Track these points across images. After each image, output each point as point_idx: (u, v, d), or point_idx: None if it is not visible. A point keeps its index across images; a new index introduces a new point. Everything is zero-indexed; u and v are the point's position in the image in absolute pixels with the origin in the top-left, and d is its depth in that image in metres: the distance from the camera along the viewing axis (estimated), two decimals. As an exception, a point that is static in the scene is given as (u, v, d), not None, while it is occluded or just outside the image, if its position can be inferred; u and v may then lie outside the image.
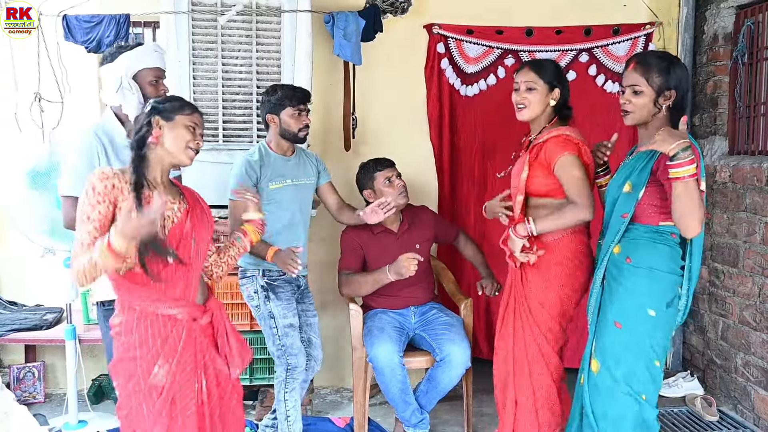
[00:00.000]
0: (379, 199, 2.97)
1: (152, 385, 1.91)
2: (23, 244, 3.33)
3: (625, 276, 2.23)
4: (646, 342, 2.20)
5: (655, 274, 2.19)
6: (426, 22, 3.73)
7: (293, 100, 2.83)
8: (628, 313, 2.21)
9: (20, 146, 3.50)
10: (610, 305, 2.26)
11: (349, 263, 3.19)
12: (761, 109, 3.36)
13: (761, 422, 3.16)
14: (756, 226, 3.19)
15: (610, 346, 2.24)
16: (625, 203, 2.23)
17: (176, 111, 2.00)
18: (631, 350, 2.21)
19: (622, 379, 2.21)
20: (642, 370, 2.21)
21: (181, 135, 1.98)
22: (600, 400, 2.25)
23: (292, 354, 2.80)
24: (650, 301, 2.19)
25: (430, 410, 3.09)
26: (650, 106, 2.21)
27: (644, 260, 2.20)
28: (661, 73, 2.19)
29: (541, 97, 2.49)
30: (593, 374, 2.27)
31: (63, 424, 3.23)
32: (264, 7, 3.26)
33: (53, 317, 3.51)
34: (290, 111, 2.83)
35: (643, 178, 2.18)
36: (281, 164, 2.89)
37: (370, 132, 3.71)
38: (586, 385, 2.30)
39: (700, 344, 3.72)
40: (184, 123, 1.99)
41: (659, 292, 2.19)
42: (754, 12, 3.38)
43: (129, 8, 3.38)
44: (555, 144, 2.43)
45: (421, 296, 3.22)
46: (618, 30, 3.76)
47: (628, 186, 2.22)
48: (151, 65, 2.47)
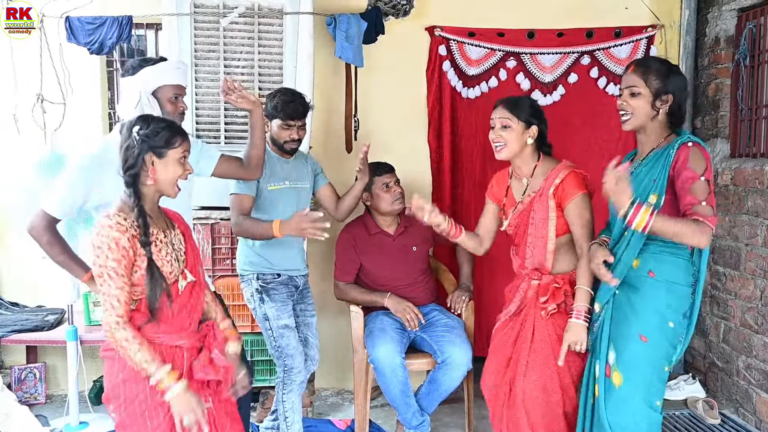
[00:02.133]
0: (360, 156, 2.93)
1: (159, 403, 1.90)
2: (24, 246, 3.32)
3: (648, 290, 2.21)
4: (664, 353, 2.22)
5: (675, 287, 2.20)
6: (428, 25, 3.73)
7: (282, 113, 2.81)
8: (654, 327, 2.20)
9: (22, 147, 3.51)
10: (633, 319, 2.23)
11: (344, 274, 3.23)
12: (763, 112, 3.35)
13: (763, 425, 3.15)
14: (758, 229, 3.18)
15: (634, 359, 2.22)
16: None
17: (167, 145, 1.93)
18: (650, 362, 2.21)
19: (647, 391, 2.21)
20: (658, 379, 2.23)
21: (172, 171, 1.95)
22: (622, 412, 2.22)
23: (288, 355, 2.81)
24: (671, 314, 2.20)
25: (431, 412, 3.09)
26: (648, 109, 2.20)
27: (666, 274, 2.19)
28: (659, 76, 2.19)
29: (517, 135, 2.43)
30: (614, 387, 2.24)
31: (64, 426, 3.23)
32: (266, 9, 3.27)
33: (55, 318, 3.51)
34: (279, 122, 2.83)
35: (665, 187, 2.16)
36: (280, 165, 2.89)
37: (371, 134, 3.71)
38: (602, 396, 2.27)
39: (701, 347, 3.71)
40: (175, 158, 1.95)
41: (678, 304, 2.21)
42: (755, 15, 3.38)
43: (131, 10, 3.39)
44: (571, 183, 2.40)
45: (421, 298, 3.22)
46: (620, 32, 3.76)
47: (654, 197, 2.18)
48: (172, 82, 2.38)
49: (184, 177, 1.99)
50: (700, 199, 2.05)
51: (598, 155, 3.62)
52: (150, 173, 1.92)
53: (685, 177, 2.09)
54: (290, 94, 2.88)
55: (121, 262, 1.85)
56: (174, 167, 1.95)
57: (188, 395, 1.89)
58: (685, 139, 2.15)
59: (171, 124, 1.99)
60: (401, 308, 3.07)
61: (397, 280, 3.18)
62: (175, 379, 1.89)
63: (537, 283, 2.47)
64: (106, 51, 3.38)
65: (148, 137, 1.91)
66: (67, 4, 3.39)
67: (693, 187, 2.06)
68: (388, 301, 3.10)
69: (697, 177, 2.07)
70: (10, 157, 3.52)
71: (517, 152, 2.46)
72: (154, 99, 2.37)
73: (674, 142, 2.17)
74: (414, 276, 3.22)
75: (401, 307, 3.07)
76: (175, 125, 2.00)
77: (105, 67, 3.80)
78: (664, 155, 2.17)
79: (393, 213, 3.18)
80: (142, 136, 1.91)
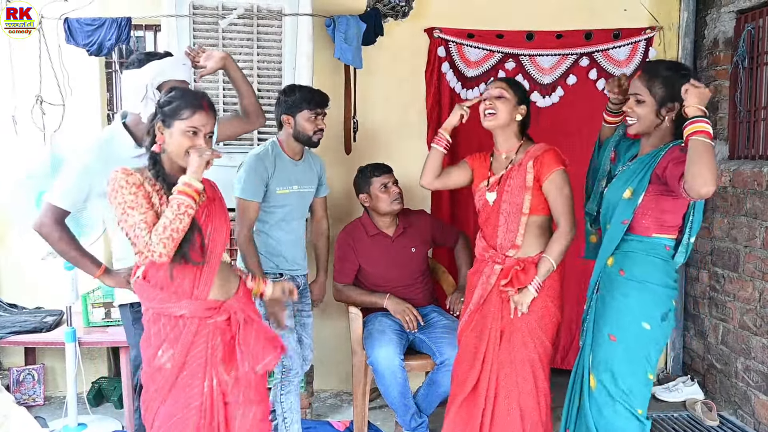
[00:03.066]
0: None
1: (156, 368, 1.96)
2: (24, 247, 3.33)
3: (618, 289, 2.22)
4: (642, 355, 2.20)
5: (648, 287, 2.19)
6: (427, 26, 3.73)
7: (311, 103, 2.78)
8: (622, 327, 2.20)
9: (21, 148, 3.51)
10: (604, 318, 2.24)
11: (342, 276, 3.23)
12: (761, 114, 3.36)
13: (761, 427, 3.15)
14: (756, 231, 3.19)
15: (605, 360, 2.22)
16: (625, 210, 2.22)
17: (174, 116, 1.95)
18: (627, 365, 2.20)
19: (621, 394, 2.20)
20: (638, 384, 2.21)
21: (177, 142, 1.96)
22: (601, 416, 2.23)
23: (287, 356, 2.80)
24: (644, 315, 2.19)
25: (429, 414, 3.09)
26: (652, 117, 2.19)
27: (637, 273, 2.20)
28: (665, 84, 2.17)
29: (509, 107, 2.50)
30: (591, 390, 2.25)
31: (63, 427, 3.23)
32: (265, 11, 3.27)
33: (53, 320, 3.50)
34: (307, 114, 2.78)
35: (644, 184, 2.17)
36: (290, 168, 2.85)
37: (370, 135, 3.71)
38: (586, 399, 2.28)
39: (700, 348, 3.71)
40: (181, 129, 1.95)
41: (653, 305, 2.19)
42: (754, 17, 3.38)
43: (130, 11, 3.38)
44: (551, 158, 2.46)
45: (420, 299, 3.22)
46: (618, 34, 3.76)
47: (628, 192, 2.21)
48: (178, 77, 2.41)
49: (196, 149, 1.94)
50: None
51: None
52: (158, 141, 1.97)
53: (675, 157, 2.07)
54: (305, 86, 2.90)
55: (138, 194, 1.90)
56: (179, 138, 1.95)
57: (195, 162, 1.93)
58: (680, 142, 2.12)
59: (189, 96, 1.99)
60: (401, 309, 3.07)
61: (395, 281, 3.19)
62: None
63: (500, 268, 2.49)
64: (105, 52, 3.38)
65: (161, 106, 1.99)
66: (66, 5, 3.39)
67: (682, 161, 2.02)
68: (388, 302, 3.10)
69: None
70: (10, 158, 3.52)
71: (505, 125, 2.51)
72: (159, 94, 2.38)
73: (667, 145, 2.17)
74: (413, 277, 3.22)
75: (401, 308, 3.07)
76: (195, 99, 1.99)
77: (104, 69, 3.80)
78: (653, 156, 2.17)
79: (392, 213, 3.19)
80: (159, 104, 2.00)
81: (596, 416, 2.24)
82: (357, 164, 3.32)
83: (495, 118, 2.50)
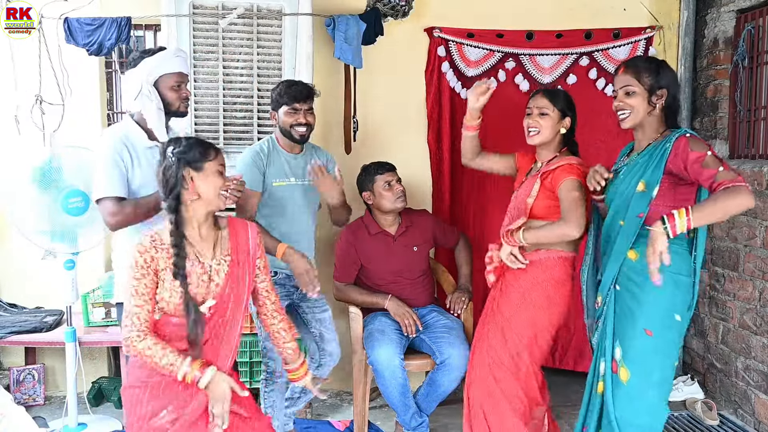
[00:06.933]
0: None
1: (153, 427, 1.92)
2: (24, 246, 3.33)
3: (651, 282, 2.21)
4: (673, 347, 2.23)
5: (679, 279, 2.20)
6: (427, 26, 3.73)
7: (286, 96, 2.79)
8: (658, 320, 2.21)
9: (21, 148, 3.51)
10: (638, 312, 2.23)
11: (343, 275, 3.23)
12: (761, 113, 3.36)
13: (762, 426, 3.16)
14: (756, 230, 3.19)
15: (641, 354, 2.22)
16: (639, 203, 2.22)
17: (203, 158, 1.97)
18: (661, 356, 2.21)
19: (657, 386, 2.22)
20: (669, 373, 2.24)
21: (213, 182, 1.97)
22: (631, 408, 2.23)
23: (272, 358, 2.83)
24: (676, 307, 2.21)
25: (430, 413, 3.09)
26: (645, 105, 2.25)
27: (672, 266, 2.16)
28: (650, 73, 2.25)
29: (552, 123, 2.55)
30: (621, 383, 2.24)
31: (63, 427, 3.23)
32: (265, 10, 3.27)
33: (53, 320, 3.50)
34: (285, 108, 2.80)
35: (657, 175, 2.18)
36: (287, 161, 2.86)
37: (370, 135, 3.71)
38: (609, 392, 2.27)
39: (700, 348, 3.71)
40: (213, 170, 1.98)
41: (682, 296, 2.22)
42: (754, 16, 3.38)
43: (130, 11, 3.38)
44: (563, 170, 2.49)
45: (421, 299, 3.22)
46: (618, 34, 3.76)
47: (642, 185, 2.21)
48: (172, 70, 2.44)
49: (226, 189, 2.02)
50: (717, 168, 2.04)
51: (596, 156, 3.58)
52: (190, 188, 1.95)
53: (692, 158, 2.10)
54: (287, 81, 2.91)
55: (141, 281, 1.91)
56: (213, 179, 1.98)
57: (221, 379, 1.91)
58: (682, 132, 2.19)
59: (201, 140, 2.03)
60: (401, 312, 3.07)
61: (397, 280, 3.18)
62: (200, 368, 1.89)
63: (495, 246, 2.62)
64: (105, 52, 3.38)
65: (183, 153, 1.95)
66: (65, 5, 3.38)
67: (704, 163, 2.07)
68: (390, 303, 3.10)
69: (704, 154, 2.09)
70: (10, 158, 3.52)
71: (549, 140, 2.56)
72: (154, 89, 2.41)
73: (671, 135, 2.20)
74: (414, 276, 3.22)
75: (401, 311, 3.07)
76: (205, 141, 2.04)
77: (104, 69, 3.80)
78: (661, 147, 2.20)
79: (395, 211, 3.18)
80: (177, 154, 1.95)
81: (624, 407, 2.23)
82: (357, 164, 3.32)
83: (539, 136, 2.56)
